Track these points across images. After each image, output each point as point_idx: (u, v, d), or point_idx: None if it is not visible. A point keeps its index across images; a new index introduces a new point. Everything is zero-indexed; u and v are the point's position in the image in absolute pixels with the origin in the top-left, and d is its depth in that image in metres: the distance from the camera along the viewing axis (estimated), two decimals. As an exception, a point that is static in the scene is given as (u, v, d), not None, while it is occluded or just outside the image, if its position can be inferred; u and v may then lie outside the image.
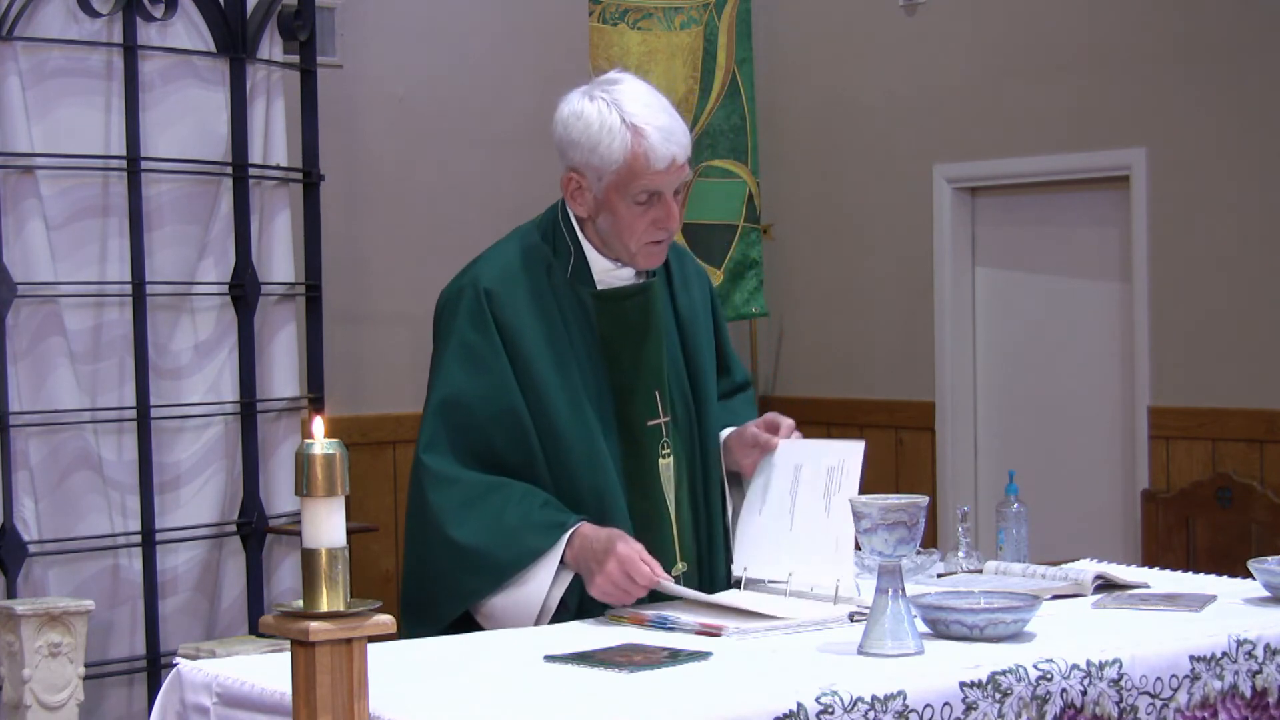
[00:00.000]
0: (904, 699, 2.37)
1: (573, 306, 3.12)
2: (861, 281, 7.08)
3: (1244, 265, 5.92)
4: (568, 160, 3.10)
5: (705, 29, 6.92)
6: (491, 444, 3.04)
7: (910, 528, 2.57)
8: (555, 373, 3.07)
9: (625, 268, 3.17)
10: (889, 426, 6.96)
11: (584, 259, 3.14)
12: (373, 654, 2.18)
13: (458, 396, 3.06)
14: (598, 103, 3.05)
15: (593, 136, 3.04)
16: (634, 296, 3.16)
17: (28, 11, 4.93)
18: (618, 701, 2.32)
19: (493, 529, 2.97)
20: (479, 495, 3.00)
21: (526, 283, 3.12)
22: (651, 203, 3.06)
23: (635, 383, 3.14)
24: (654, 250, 3.12)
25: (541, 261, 3.14)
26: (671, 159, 3.03)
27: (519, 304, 3.09)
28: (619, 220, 3.08)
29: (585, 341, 3.11)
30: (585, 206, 3.11)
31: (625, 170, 3.03)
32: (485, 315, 3.08)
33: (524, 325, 3.08)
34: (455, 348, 3.09)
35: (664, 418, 3.16)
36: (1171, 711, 2.64)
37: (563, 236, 3.16)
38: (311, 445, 2.14)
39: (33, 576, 4.91)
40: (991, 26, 6.61)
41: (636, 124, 3.02)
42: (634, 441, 3.13)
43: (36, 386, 4.96)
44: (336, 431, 2.25)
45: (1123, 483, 6.30)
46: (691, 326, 3.27)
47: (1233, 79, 5.93)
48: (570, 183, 3.11)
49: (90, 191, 5.08)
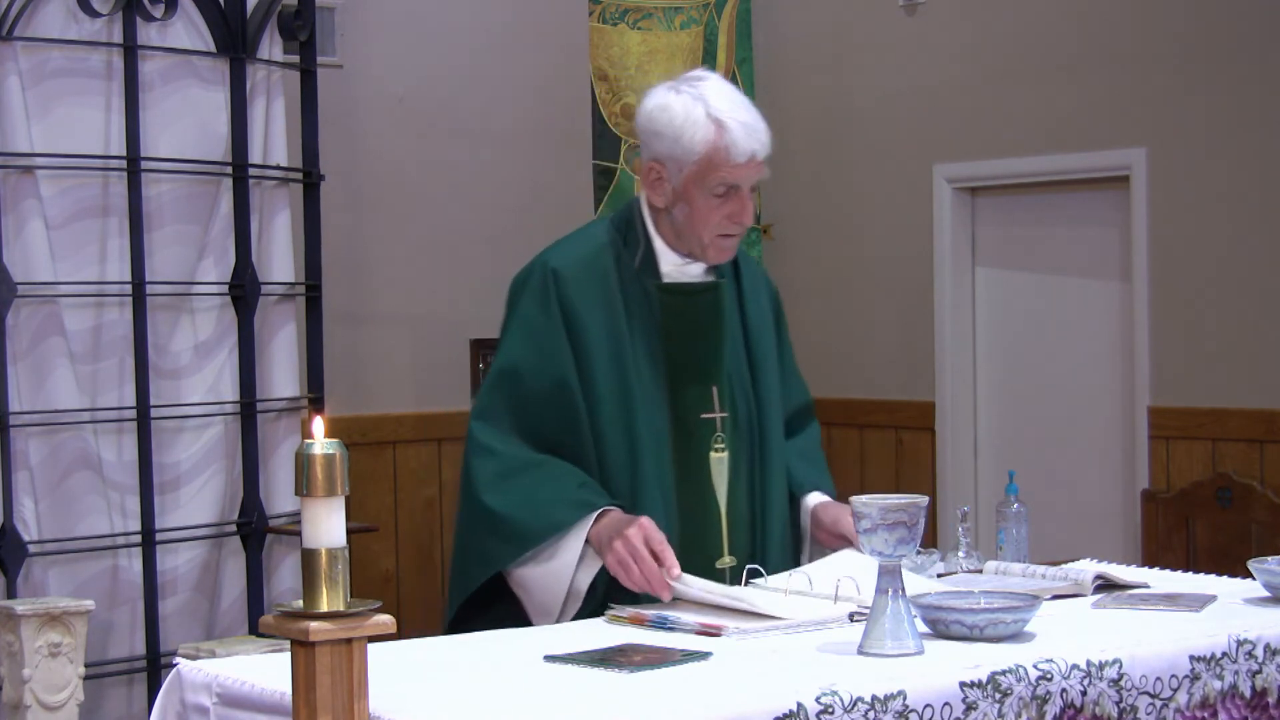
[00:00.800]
0: (904, 699, 2.37)
1: (637, 296, 3.21)
2: (861, 281, 7.08)
3: (1244, 265, 5.92)
4: (650, 151, 3.20)
5: (705, 29, 6.92)
6: (542, 418, 3.13)
7: (910, 528, 2.57)
8: (610, 357, 3.15)
9: (694, 264, 3.26)
10: (889, 426, 6.97)
11: (653, 251, 3.24)
12: (373, 654, 2.18)
13: (514, 369, 3.16)
14: (683, 96, 3.16)
15: (676, 128, 3.14)
16: (701, 294, 3.25)
17: (28, 11, 4.93)
18: (618, 701, 2.32)
19: (524, 500, 3.06)
20: (518, 467, 3.10)
21: (593, 268, 3.21)
22: (728, 196, 3.16)
23: (692, 376, 3.23)
24: (725, 244, 3.22)
25: (611, 250, 3.24)
26: (751, 154, 3.15)
27: (583, 287, 3.18)
28: (695, 211, 3.17)
29: (645, 331, 3.20)
30: (663, 197, 3.20)
31: (705, 162, 3.14)
32: (550, 294, 3.17)
33: (585, 308, 3.17)
34: (518, 323, 3.20)
35: (719, 413, 3.23)
36: (1171, 711, 2.64)
37: (635, 228, 3.25)
38: (311, 445, 2.14)
39: (33, 576, 4.91)
40: (991, 26, 6.61)
41: (720, 117, 3.13)
42: (686, 433, 3.21)
43: (36, 386, 4.96)
44: (336, 431, 2.25)
45: (1123, 483, 6.30)
46: (758, 332, 3.35)
47: (1233, 79, 5.93)
48: (650, 172, 3.21)
49: (90, 191, 5.08)
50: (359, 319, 6.37)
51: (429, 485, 6.51)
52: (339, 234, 6.11)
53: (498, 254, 6.60)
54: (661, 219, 3.24)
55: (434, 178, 6.58)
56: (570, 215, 6.72)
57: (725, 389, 3.26)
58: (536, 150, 6.80)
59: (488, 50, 6.71)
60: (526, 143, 6.75)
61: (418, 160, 6.55)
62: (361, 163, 6.39)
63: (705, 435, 3.22)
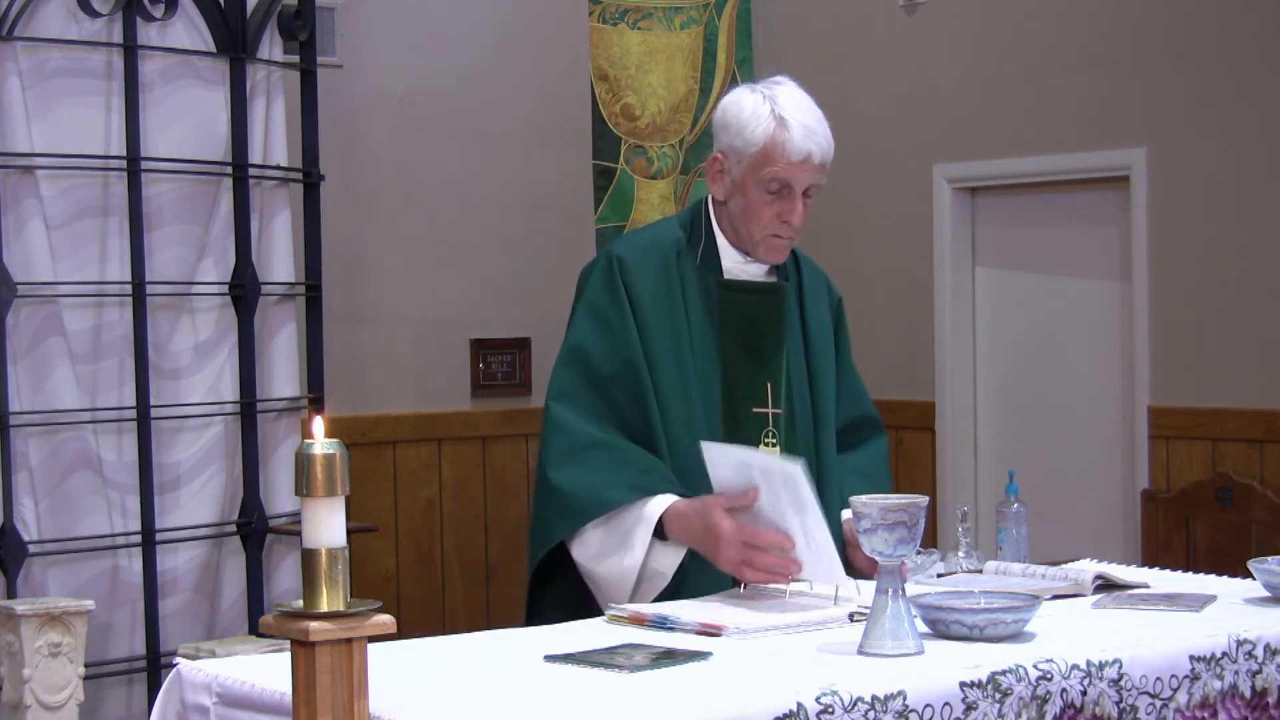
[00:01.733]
0: (904, 699, 2.37)
1: (696, 288, 3.29)
2: (861, 282, 7.08)
3: (1244, 265, 5.92)
4: (718, 143, 3.32)
5: (705, 29, 6.92)
6: (613, 397, 3.21)
7: (910, 528, 2.57)
8: (669, 345, 3.23)
9: (754, 263, 3.34)
10: (889, 426, 6.90)
11: (715, 247, 3.33)
12: (373, 654, 2.18)
13: (584, 350, 3.25)
14: (757, 94, 3.29)
15: (742, 121, 3.26)
16: (761, 293, 3.34)
17: (28, 11, 4.93)
18: (618, 701, 2.32)
19: (583, 477, 3.14)
20: (586, 445, 3.17)
21: (656, 259, 3.30)
22: (781, 195, 3.26)
23: (748, 371, 3.30)
24: (776, 244, 3.30)
25: (675, 244, 3.33)
26: (807, 155, 3.24)
27: (645, 274, 3.27)
28: (748, 205, 3.27)
29: (704, 324, 3.28)
30: (723, 188, 3.31)
31: (761, 155, 3.23)
32: (616, 280, 3.26)
33: (647, 293, 3.26)
34: (585, 308, 3.30)
35: (772, 408, 3.30)
36: (1171, 711, 2.64)
37: (699, 225, 3.35)
38: (311, 445, 2.14)
39: (33, 576, 4.91)
40: (991, 26, 6.61)
41: (783, 115, 3.25)
42: (737, 424, 3.28)
43: (36, 386, 4.96)
44: (336, 431, 2.25)
45: (1123, 483, 6.30)
46: (817, 337, 3.43)
47: (1233, 79, 5.93)
48: (714, 164, 3.32)
49: (90, 191, 5.08)
50: (359, 319, 6.37)
51: (429, 485, 6.51)
52: (339, 234, 6.11)
53: (498, 254, 6.61)
54: (723, 215, 3.34)
55: (434, 178, 6.58)
56: (570, 215, 6.73)
57: (780, 386, 3.33)
58: (536, 150, 6.80)
59: (487, 50, 6.71)
60: (526, 143, 6.75)
61: (418, 160, 6.55)
62: (361, 163, 6.39)
63: (756, 429, 3.29)
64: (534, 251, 6.67)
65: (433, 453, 6.52)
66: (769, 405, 3.30)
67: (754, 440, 3.28)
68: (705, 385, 3.26)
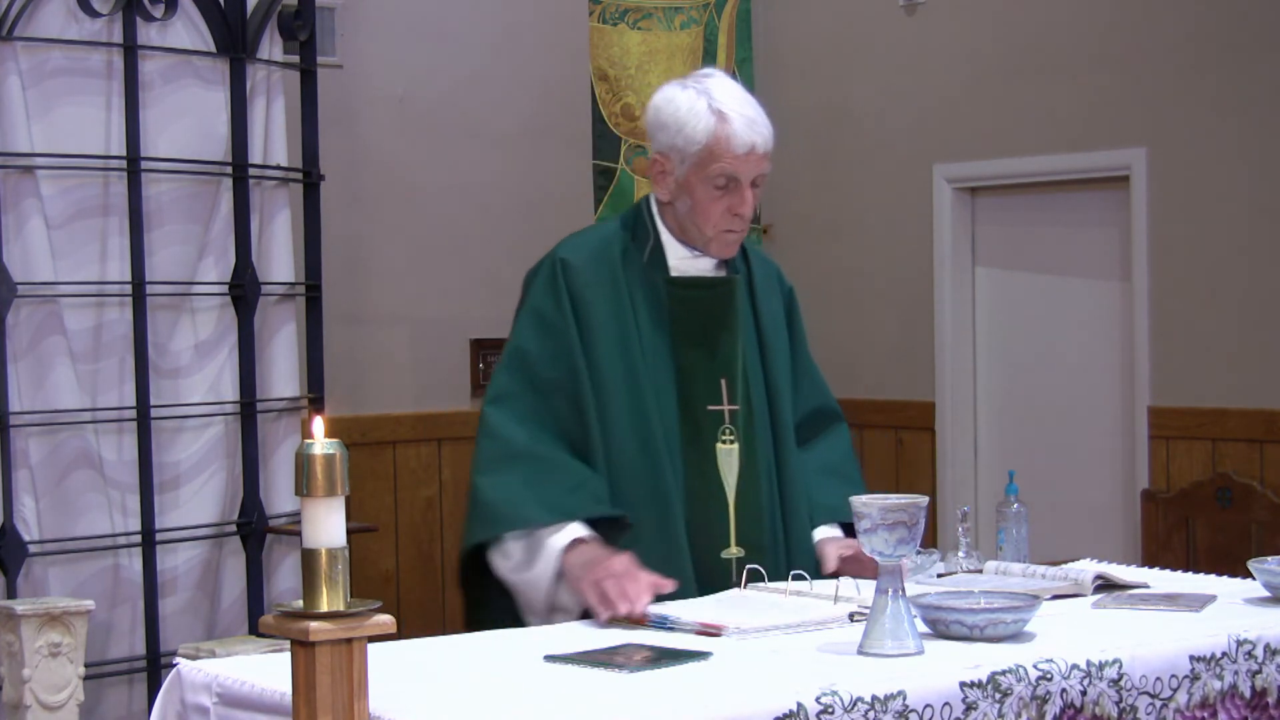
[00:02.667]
0: (904, 699, 2.37)
1: (644, 289, 3.26)
2: (861, 281, 7.08)
3: (1244, 265, 5.92)
4: (656, 144, 3.27)
5: (705, 29, 6.92)
6: (552, 403, 3.17)
7: (910, 528, 2.57)
8: (618, 347, 3.20)
9: (702, 258, 3.31)
10: (889, 426, 6.97)
11: (661, 245, 3.29)
12: (373, 654, 2.18)
13: (526, 355, 3.21)
14: (689, 90, 3.24)
15: (680, 119, 3.21)
16: (710, 288, 3.30)
17: (28, 11, 4.93)
18: (618, 701, 2.32)
19: (509, 488, 3.10)
20: (517, 454, 3.13)
21: (601, 260, 3.27)
22: (729, 189, 3.22)
23: (700, 368, 3.26)
24: (728, 239, 3.27)
25: (619, 245, 3.29)
26: (751, 146, 3.21)
27: (591, 277, 3.24)
28: (696, 204, 3.23)
29: (653, 323, 3.24)
30: (667, 189, 3.27)
31: (706, 152, 3.20)
32: (559, 284, 3.23)
33: (592, 298, 3.22)
34: (528, 312, 3.27)
35: (729, 405, 3.26)
36: (1171, 711, 2.64)
37: (644, 223, 3.31)
38: (311, 445, 2.14)
39: (33, 576, 4.91)
40: (991, 26, 6.61)
41: (722, 109, 3.20)
42: (693, 424, 3.24)
43: (36, 386, 4.96)
44: (336, 431, 2.25)
45: (1123, 483, 6.30)
46: (771, 328, 3.39)
47: (1233, 79, 5.93)
48: (655, 165, 3.27)
49: (90, 191, 5.08)
50: (359, 319, 6.36)
51: (429, 485, 6.51)
52: (339, 234, 6.11)
53: (497, 254, 6.60)
54: (668, 213, 3.30)
55: (434, 178, 6.58)
56: (570, 215, 6.72)
57: (736, 382, 3.29)
58: (536, 150, 6.80)
59: (488, 50, 6.71)
60: (526, 143, 6.75)
61: (418, 160, 6.55)
62: (361, 163, 6.39)
63: (713, 427, 3.25)
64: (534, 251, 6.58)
65: (433, 453, 6.52)
66: (724, 402, 3.27)
67: (711, 438, 3.24)
68: (660, 386, 3.21)
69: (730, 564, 3.20)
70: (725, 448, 3.25)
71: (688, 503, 3.19)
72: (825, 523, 3.38)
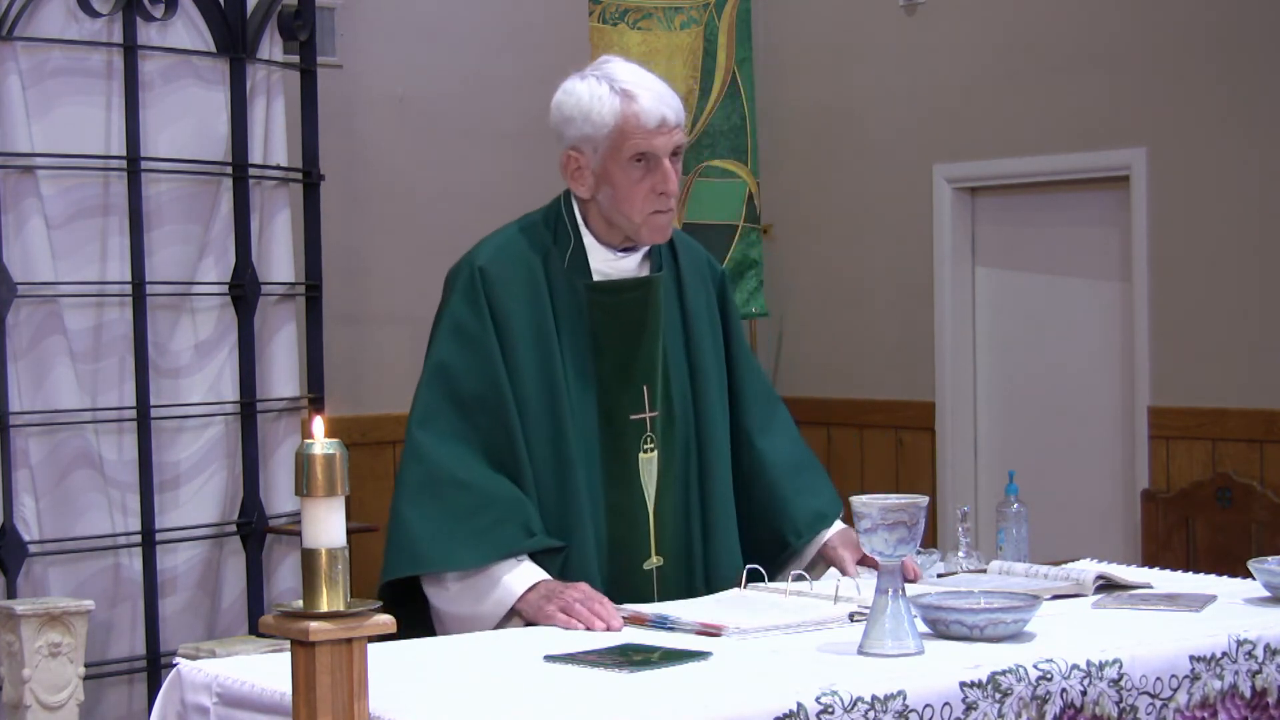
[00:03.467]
0: (904, 699, 2.37)
1: (565, 295, 3.14)
2: (861, 281, 7.08)
3: (1244, 265, 5.92)
4: (565, 140, 3.15)
5: (705, 29, 6.92)
6: (476, 421, 3.06)
7: (910, 528, 2.57)
8: (536, 358, 3.08)
9: (626, 258, 3.19)
10: (889, 426, 6.96)
11: (583, 248, 3.17)
12: (373, 654, 2.18)
13: (448, 369, 3.09)
14: (588, 79, 3.13)
15: (584, 107, 3.09)
16: (631, 290, 3.17)
17: (28, 11, 4.93)
18: (618, 701, 2.32)
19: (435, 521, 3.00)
20: (443, 481, 3.02)
21: (520, 266, 3.15)
22: (648, 167, 3.09)
23: (622, 376, 3.15)
24: (658, 221, 3.13)
25: (539, 248, 3.18)
26: (662, 118, 3.08)
27: (509, 285, 3.12)
28: (618, 190, 3.11)
29: (574, 331, 3.13)
30: (585, 185, 3.15)
31: (617, 133, 3.08)
32: (479, 293, 3.11)
33: (512, 308, 3.10)
34: (448, 324, 3.13)
35: (650, 413, 3.16)
36: (1171, 711, 2.64)
37: (564, 225, 3.19)
38: (311, 445, 2.14)
39: (33, 576, 4.91)
40: (991, 26, 6.61)
41: (626, 88, 3.09)
42: (616, 434, 3.14)
43: (36, 386, 4.96)
44: (336, 431, 2.25)
45: (1123, 483, 6.30)
46: (699, 325, 3.27)
47: (1233, 79, 5.93)
48: (570, 162, 3.15)
49: (90, 191, 5.08)
50: (359, 319, 6.36)
51: (429, 485, 6.50)
52: (339, 234, 6.11)
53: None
54: (591, 212, 3.17)
55: (434, 178, 6.58)
56: (570, 215, 6.71)
57: (658, 388, 3.18)
58: (536, 150, 6.78)
59: (488, 50, 6.71)
60: (526, 143, 6.74)
61: (418, 160, 6.55)
62: (361, 163, 6.39)
63: (635, 436, 3.15)
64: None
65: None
66: (646, 410, 3.16)
67: (634, 448, 3.14)
68: (581, 397, 3.11)
69: (651, 574, 3.15)
70: (646, 456, 3.16)
71: (609, 516, 3.11)
72: (821, 528, 3.31)
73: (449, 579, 3.02)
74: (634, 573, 3.12)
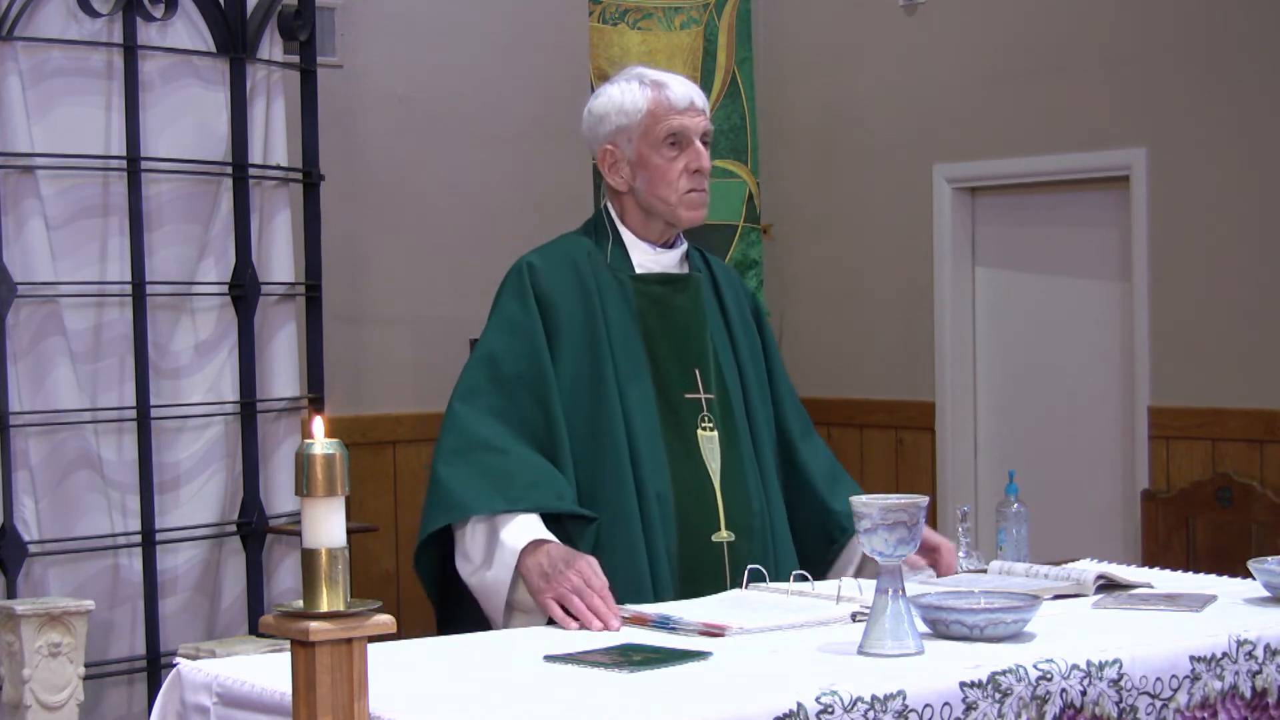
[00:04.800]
0: (904, 699, 2.37)
1: (610, 286, 3.29)
2: (861, 281, 7.08)
3: (1244, 265, 5.92)
4: (600, 139, 3.34)
5: (705, 29, 6.92)
6: (517, 402, 3.18)
7: (910, 528, 2.57)
8: (583, 340, 3.23)
9: (666, 254, 3.35)
10: (889, 426, 6.97)
11: (623, 244, 3.33)
12: (373, 654, 2.18)
13: (492, 354, 3.24)
14: (618, 81, 3.36)
15: (617, 101, 3.31)
16: (675, 284, 3.34)
17: (28, 11, 4.93)
18: (618, 701, 2.32)
19: (465, 476, 3.11)
20: (477, 446, 3.14)
21: (567, 263, 3.31)
22: (680, 147, 3.28)
23: (673, 359, 3.29)
24: (694, 199, 3.30)
25: (583, 249, 3.34)
26: (690, 100, 3.31)
27: (556, 279, 3.28)
28: (654, 173, 3.29)
29: (621, 319, 3.27)
30: (622, 176, 3.32)
31: (649, 117, 3.28)
32: (527, 287, 3.26)
33: (559, 296, 3.25)
34: (497, 317, 3.29)
35: (703, 394, 3.29)
36: (1171, 712, 2.64)
37: (604, 227, 3.36)
38: (311, 445, 2.14)
39: (33, 576, 4.91)
40: (991, 26, 6.61)
41: (654, 79, 3.32)
42: (672, 412, 3.26)
43: (36, 386, 4.96)
44: (336, 431, 2.25)
45: (1123, 483, 6.30)
46: (739, 326, 3.44)
47: (1233, 78, 5.93)
48: (606, 156, 3.33)
49: (90, 191, 5.08)
50: (359, 319, 6.37)
51: (429, 485, 6.50)
52: (339, 234, 6.11)
53: (498, 254, 6.55)
54: (628, 208, 3.34)
55: (434, 178, 6.58)
56: (570, 215, 6.69)
57: (710, 372, 3.32)
58: (536, 150, 6.80)
59: (488, 50, 6.71)
60: (526, 143, 6.75)
61: (418, 160, 6.56)
62: (361, 163, 6.39)
63: (691, 414, 3.28)
64: (534, 251, 6.66)
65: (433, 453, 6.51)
66: (700, 391, 3.29)
67: (692, 425, 3.27)
68: (635, 377, 3.24)
69: (721, 547, 3.22)
70: (706, 434, 3.27)
71: (675, 489, 3.21)
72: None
73: (471, 547, 3.08)
74: (704, 547, 3.20)
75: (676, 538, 3.18)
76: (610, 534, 3.13)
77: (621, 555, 3.10)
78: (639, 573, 3.10)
